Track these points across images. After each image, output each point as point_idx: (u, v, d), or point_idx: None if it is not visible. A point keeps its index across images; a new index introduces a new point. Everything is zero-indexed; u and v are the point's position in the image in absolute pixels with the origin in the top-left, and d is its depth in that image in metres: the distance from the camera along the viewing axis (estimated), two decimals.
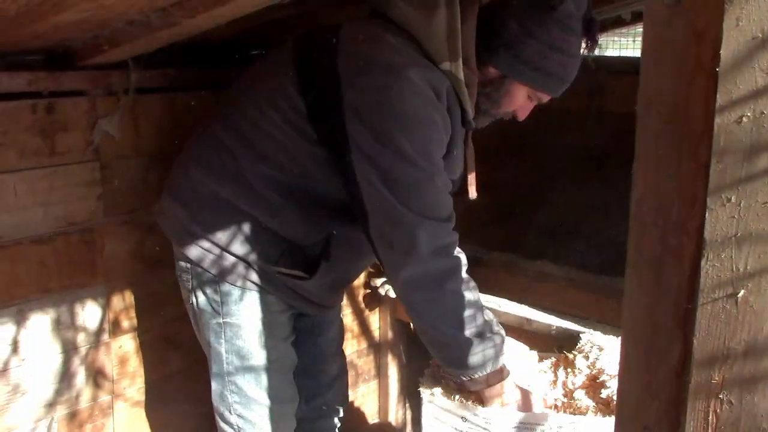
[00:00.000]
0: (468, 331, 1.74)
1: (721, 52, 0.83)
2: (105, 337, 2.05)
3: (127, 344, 2.11)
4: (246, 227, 1.79)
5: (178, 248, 1.88)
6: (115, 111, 1.96)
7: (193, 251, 1.82)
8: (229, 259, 1.81)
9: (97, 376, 2.05)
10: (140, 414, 2.18)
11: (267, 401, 1.91)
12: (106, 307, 2.03)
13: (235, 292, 1.83)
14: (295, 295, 1.89)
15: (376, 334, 2.92)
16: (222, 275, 1.82)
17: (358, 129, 1.65)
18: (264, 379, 1.89)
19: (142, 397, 2.17)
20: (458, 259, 1.76)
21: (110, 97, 1.96)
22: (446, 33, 1.68)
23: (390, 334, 2.91)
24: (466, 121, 1.79)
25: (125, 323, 2.09)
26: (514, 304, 2.64)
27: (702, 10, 0.85)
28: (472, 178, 2.00)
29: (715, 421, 0.90)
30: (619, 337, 1.01)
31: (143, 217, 2.08)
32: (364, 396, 2.96)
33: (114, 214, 2.01)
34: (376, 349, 2.95)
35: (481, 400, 1.84)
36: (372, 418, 3.03)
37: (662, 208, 0.91)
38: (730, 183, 0.85)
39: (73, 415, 2.02)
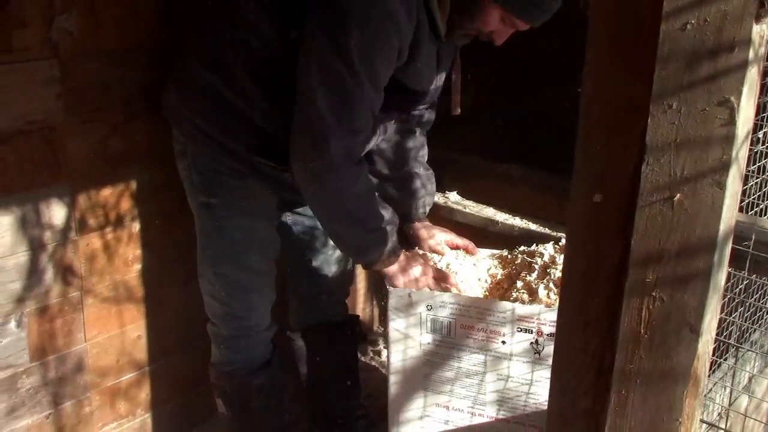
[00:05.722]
0: (361, 227, 1.91)
1: None
2: (72, 234, 2.06)
3: (94, 242, 2.13)
4: (231, 116, 1.90)
5: (175, 130, 2.01)
6: (73, 7, 1.91)
7: (186, 134, 1.96)
8: (215, 144, 1.93)
9: (65, 272, 2.08)
10: (109, 309, 2.22)
11: (241, 274, 2.08)
12: (71, 205, 2.04)
13: (219, 176, 1.98)
14: (276, 184, 2.00)
15: None
16: (209, 157, 1.96)
17: (317, 22, 1.72)
18: (240, 254, 2.05)
19: (111, 294, 2.21)
20: (361, 165, 1.88)
21: None
22: None
23: None
24: (437, 35, 1.82)
25: (92, 221, 2.10)
26: (480, 205, 2.70)
27: None
28: (457, 96, 2.08)
29: (647, 316, 0.95)
30: None
31: (105, 116, 2.06)
32: None
33: (75, 113, 1.98)
34: None
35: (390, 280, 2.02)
36: None
37: (609, 113, 0.94)
38: (672, 89, 0.87)
39: (43, 310, 2.06)
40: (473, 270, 2.15)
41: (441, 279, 2.02)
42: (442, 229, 2.29)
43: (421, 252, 2.20)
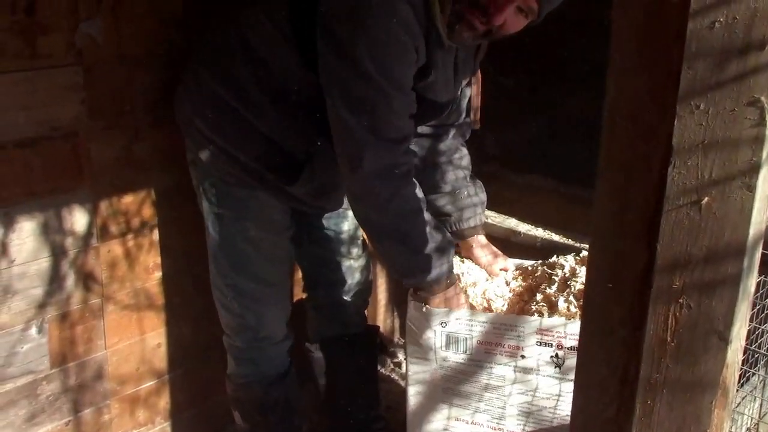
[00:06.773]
0: (402, 247, 1.85)
1: None
2: (93, 241, 2.07)
3: (115, 249, 2.13)
4: (240, 127, 1.89)
5: (187, 139, 2.01)
6: (97, 13, 1.92)
7: (197, 143, 1.95)
8: (224, 155, 1.93)
9: (86, 279, 2.08)
10: (130, 317, 2.22)
11: (253, 285, 2.06)
12: (93, 212, 2.04)
13: (229, 187, 1.97)
14: (285, 196, 1.99)
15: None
16: (217, 168, 1.95)
17: (325, 40, 1.71)
18: (251, 265, 2.04)
19: (132, 301, 2.21)
20: (404, 179, 1.82)
21: None
22: None
23: None
24: (442, 42, 1.79)
25: (113, 228, 2.11)
26: (502, 216, 2.68)
27: None
28: (476, 111, 2.05)
29: (674, 324, 0.92)
30: None
31: (129, 122, 2.06)
32: None
33: (99, 119, 1.99)
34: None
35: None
36: None
37: (633, 114, 0.91)
38: (699, 89, 0.84)
39: (64, 317, 2.06)
40: (495, 285, 2.12)
41: None
42: (493, 250, 2.22)
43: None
